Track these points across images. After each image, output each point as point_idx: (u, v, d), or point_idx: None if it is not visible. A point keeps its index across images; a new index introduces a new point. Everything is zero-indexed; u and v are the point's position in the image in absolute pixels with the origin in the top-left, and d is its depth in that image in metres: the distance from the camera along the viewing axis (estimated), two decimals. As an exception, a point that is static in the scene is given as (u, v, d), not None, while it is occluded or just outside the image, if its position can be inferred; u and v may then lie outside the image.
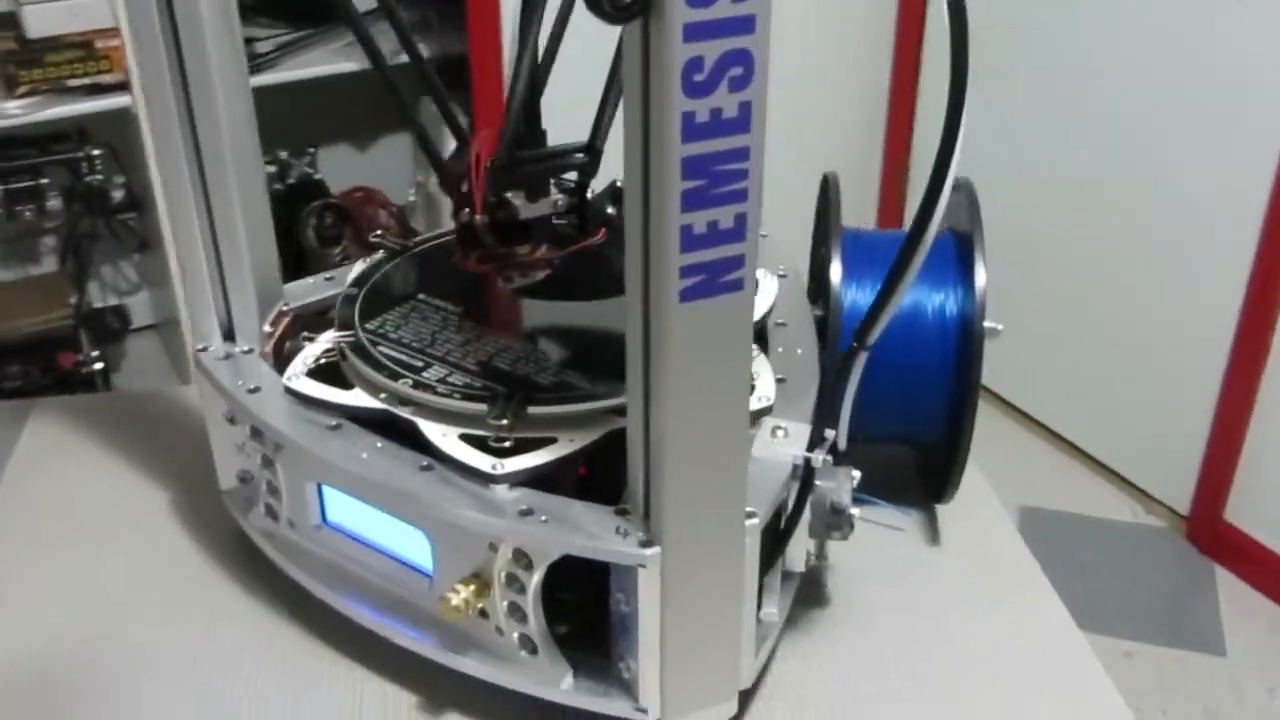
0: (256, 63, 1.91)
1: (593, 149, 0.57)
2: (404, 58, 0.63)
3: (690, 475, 0.48)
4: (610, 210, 0.60)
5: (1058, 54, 1.96)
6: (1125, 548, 1.88)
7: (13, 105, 1.80)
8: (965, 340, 0.63)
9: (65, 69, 1.80)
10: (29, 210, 1.96)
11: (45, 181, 1.95)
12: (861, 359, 0.52)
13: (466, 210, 0.57)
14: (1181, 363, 1.85)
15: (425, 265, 0.66)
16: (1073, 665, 0.61)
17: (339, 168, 2.27)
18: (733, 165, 0.42)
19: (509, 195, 0.57)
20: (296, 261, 2.12)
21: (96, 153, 1.94)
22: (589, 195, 0.59)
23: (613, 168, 0.55)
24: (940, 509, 0.70)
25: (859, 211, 2.35)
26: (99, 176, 1.96)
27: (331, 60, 1.90)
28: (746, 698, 0.57)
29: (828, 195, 0.67)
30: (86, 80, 1.81)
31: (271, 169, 2.13)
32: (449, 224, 1.75)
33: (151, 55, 0.57)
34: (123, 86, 1.83)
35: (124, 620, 0.63)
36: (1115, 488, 1.96)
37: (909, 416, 0.66)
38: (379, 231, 0.69)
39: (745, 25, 0.40)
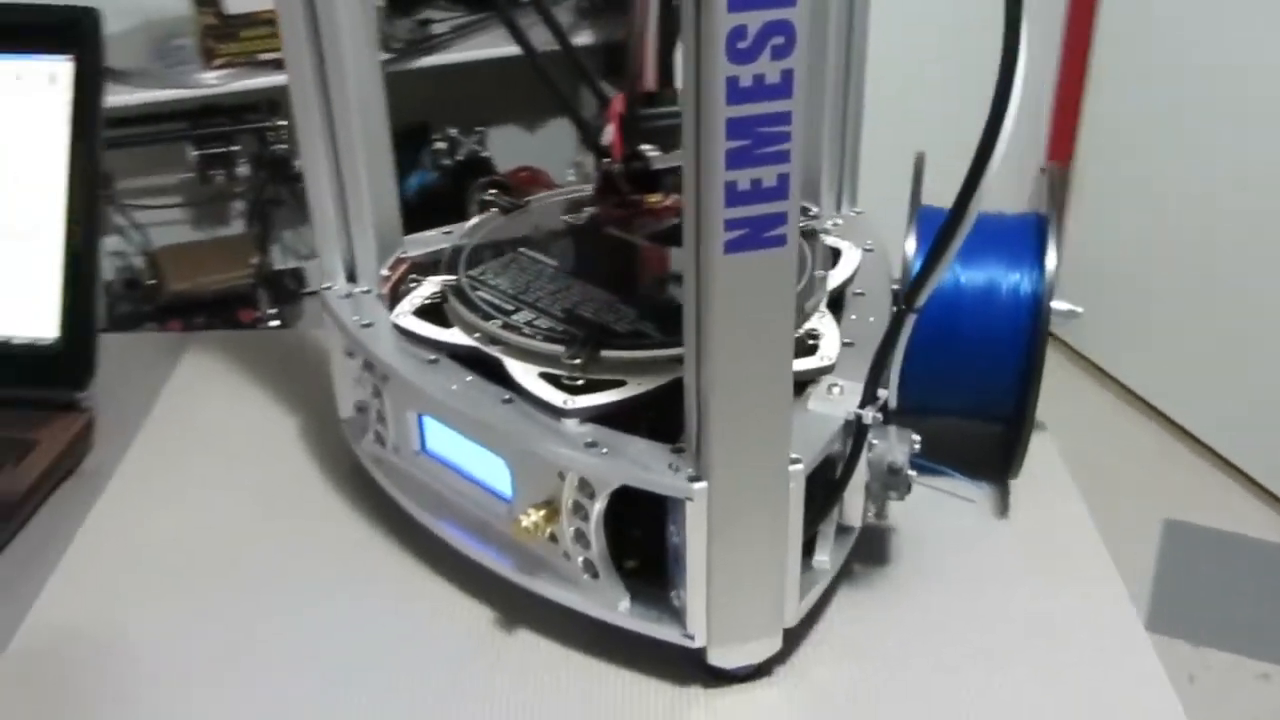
0: (431, 43, 2.01)
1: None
2: (577, 41, 0.68)
3: (734, 417, 0.52)
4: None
5: (1197, 52, 1.90)
6: (1273, 569, 1.82)
7: (210, 76, 1.94)
8: (1036, 319, 0.65)
9: (258, 43, 1.93)
10: (220, 175, 2.11)
11: (236, 149, 2.10)
12: (909, 321, 0.55)
13: (606, 159, 0.63)
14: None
15: (530, 223, 0.72)
16: (1130, 658, 0.61)
17: (507, 147, 2.36)
18: (775, 128, 0.46)
19: (644, 148, 0.62)
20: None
21: (282, 123, 2.07)
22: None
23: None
24: (1015, 488, 0.72)
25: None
26: (284, 145, 2.10)
27: (504, 43, 1.97)
28: (794, 640, 0.60)
29: (916, 174, 0.69)
30: (276, 54, 1.94)
31: (442, 145, 2.24)
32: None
33: (291, 27, 0.64)
34: (309, 61, 1.96)
35: (251, 527, 0.70)
36: (1267, 506, 1.90)
37: (981, 391, 0.68)
38: (493, 191, 0.75)
39: (788, 0, 0.44)
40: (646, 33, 0.61)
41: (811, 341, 0.62)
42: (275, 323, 2.14)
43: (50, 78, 0.75)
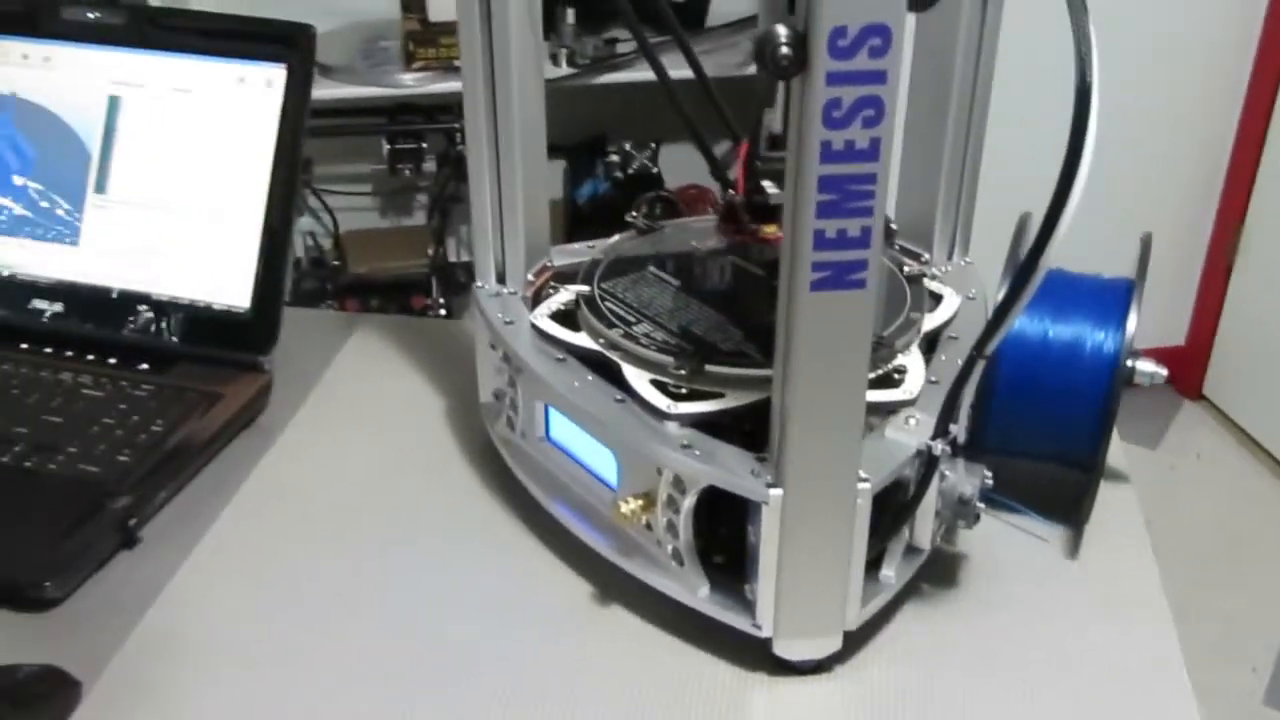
0: (614, 61, 2.12)
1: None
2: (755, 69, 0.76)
3: (810, 435, 0.59)
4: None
5: None
6: None
7: (409, 77, 2.09)
8: (1114, 377, 0.70)
9: (455, 50, 2.05)
10: (408, 169, 2.26)
11: (425, 146, 2.24)
12: (979, 366, 0.61)
13: (730, 191, 0.71)
14: None
15: (662, 244, 0.80)
16: (1173, 704, 0.65)
17: (679, 165, 2.45)
18: (862, 186, 0.53)
19: (765, 184, 0.70)
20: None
21: (470, 125, 2.21)
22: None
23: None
24: (1089, 533, 0.76)
25: (1176, 273, 2.30)
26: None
27: (684, 66, 2.06)
28: (856, 642, 0.67)
29: (1019, 232, 0.75)
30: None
31: (616, 158, 2.35)
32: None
33: (469, 48, 0.73)
34: (499, 70, 2.08)
35: (393, 487, 0.80)
36: None
37: (1061, 438, 0.73)
38: (634, 212, 0.83)
39: (879, 78, 0.51)
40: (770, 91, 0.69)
41: (898, 376, 0.68)
42: (443, 311, 2.28)
43: (267, 82, 0.87)
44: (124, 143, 0.89)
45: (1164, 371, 0.73)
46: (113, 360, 0.87)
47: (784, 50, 0.51)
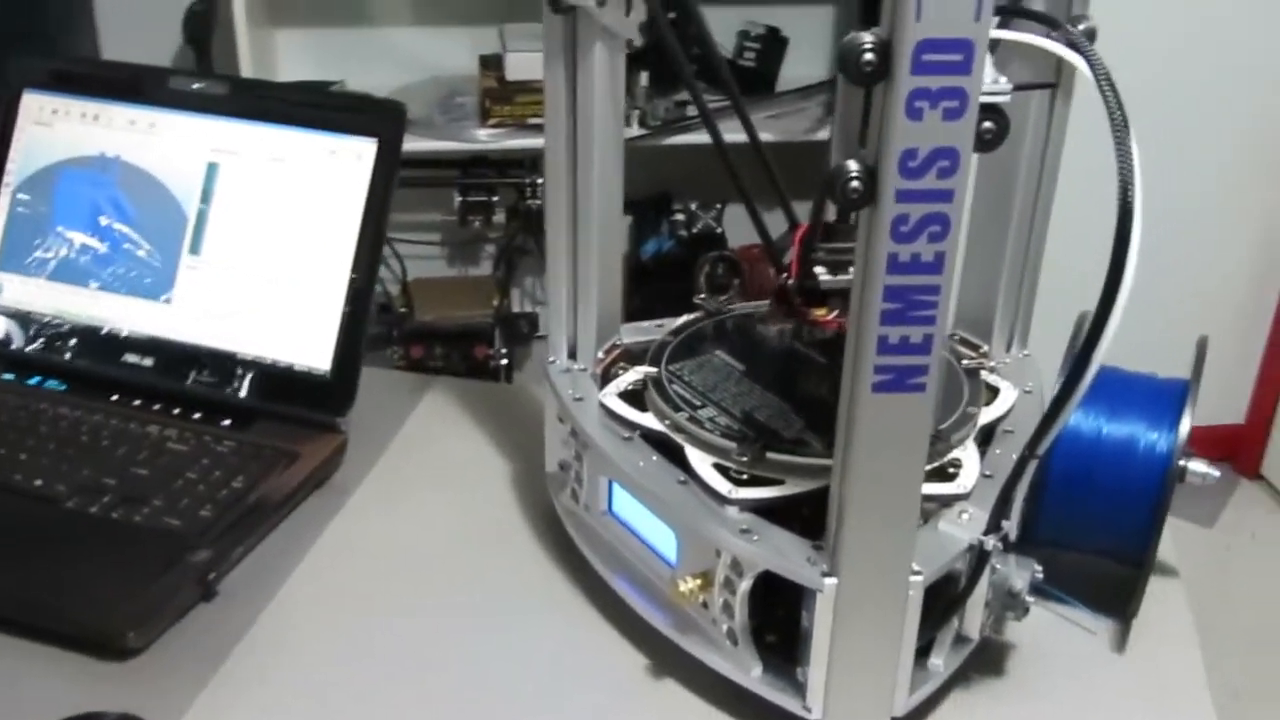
0: (685, 123, 2.16)
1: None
2: (823, 134, 0.79)
3: (866, 528, 0.61)
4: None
5: None
6: None
7: (483, 133, 2.15)
8: (1166, 477, 0.71)
9: (529, 108, 2.12)
10: (478, 220, 2.31)
11: (495, 199, 2.30)
12: (1031, 465, 0.63)
13: (785, 275, 0.74)
14: None
15: (729, 329, 0.83)
16: None
17: (742, 226, 2.48)
18: (925, 297, 0.55)
19: (817, 270, 0.73)
20: (687, 302, 2.36)
21: (540, 180, 2.26)
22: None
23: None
24: (1137, 628, 0.77)
25: (1237, 352, 2.29)
26: (539, 201, 2.28)
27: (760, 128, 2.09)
28: (902, 727, 0.69)
29: (1076, 331, 0.77)
30: (542, 119, 2.12)
31: (680, 217, 2.39)
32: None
33: (554, 128, 0.77)
34: (571, 129, 2.13)
35: (459, 550, 0.83)
36: None
37: (1112, 534, 0.75)
38: (702, 295, 0.86)
39: (946, 196, 0.53)
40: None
41: (953, 470, 0.70)
42: (505, 360, 2.32)
43: (357, 155, 0.91)
44: (219, 207, 0.94)
45: (1216, 473, 0.74)
46: (197, 415, 0.91)
47: (854, 184, 0.54)
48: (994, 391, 0.78)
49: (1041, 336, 0.85)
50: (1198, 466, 0.73)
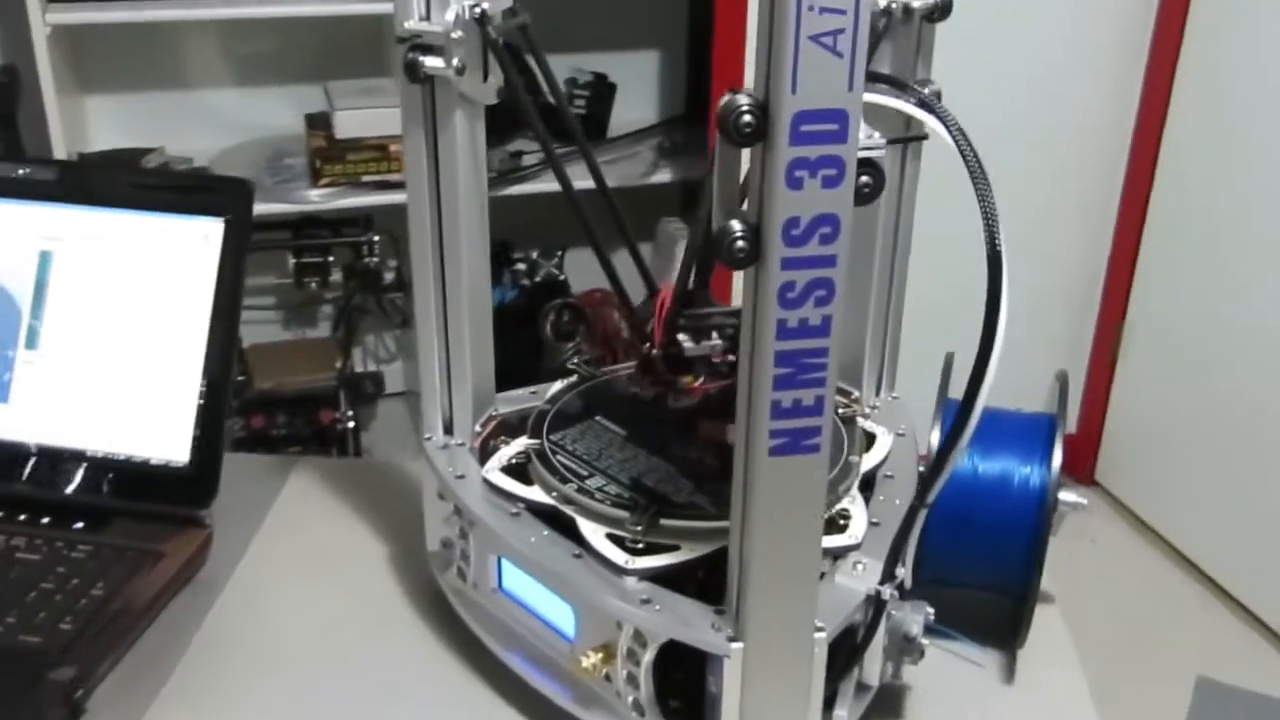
0: (522, 173, 2.16)
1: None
2: (657, 178, 0.79)
3: (769, 589, 0.61)
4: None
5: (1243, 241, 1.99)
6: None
7: (314, 193, 2.10)
8: (1042, 509, 0.74)
9: (361, 166, 2.09)
10: (314, 282, 2.25)
11: (331, 259, 2.25)
12: (922, 514, 0.64)
13: (647, 344, 0.73)
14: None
15: (605, 392, 0.82)
16: None
17: (585, 269, 2.49)
18: (815, 360, 0.56)
19: (680, 337, 0.73)
20: (536, 351, 2.35)
21: (377, 238, 2.22)
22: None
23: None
24: (1022, 657, 0.80)
25: (1066, 364, 2.40)
26: (376, 259, 2.24)
27: (588, 176, 2.10)
28: (814, 782, 0.69)
29: (945, 372, 0.79)
30: (377, 177, 2.09)
31: (522, 266, 2.38)
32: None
33: (419, 220, 0.75)
34: (404, 184, 2.11)
35: (341, 639, 0.80)
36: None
37: (993, 568, 0.77)
38: (575, 359, 0.86)
39: (830, 261, 0.54)
40: (689, 253, 0.72)
41: (842, 521, 0.71)
42: (351, 424, 2.26)
43: (204, 236, 0.88)
44: (56, 298, 0.89)
45: (1084, 501, 0.77)
46: (46, 520, 0.86)
47: (740, 244, 0.54)
48: (870, 437, 0.79)
49: (901, 377, 0.88)
50: (1068, 496, 0.76)
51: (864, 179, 0.55)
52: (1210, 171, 2.09)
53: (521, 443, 0.77)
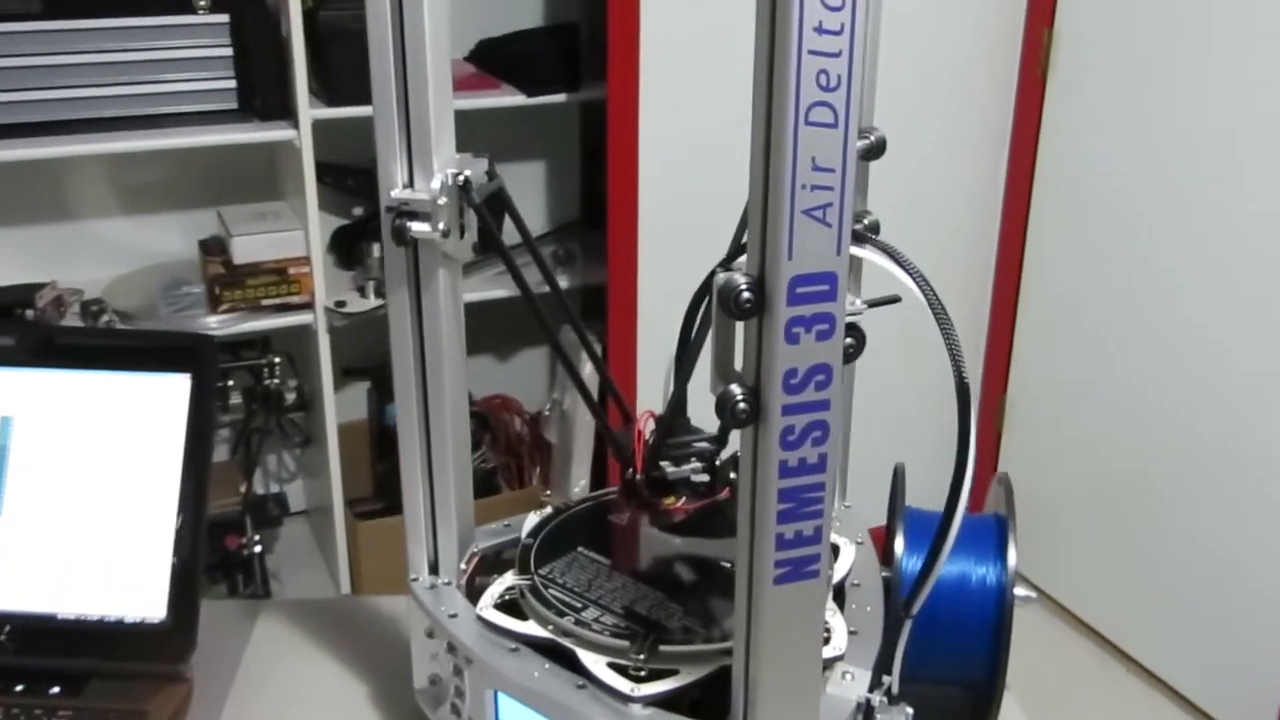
0: (421, 289, 2.19)
1: (722, 438, 0.77)
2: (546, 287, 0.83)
3: (775, 706, 0.65)
4: (732, 475, 0.79)
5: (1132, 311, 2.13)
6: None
7: (213, 320, 2.10)
8: (1001, 606, 0.80)
9: (261, 290, 2.09)
10: (215, 406, 2.23)
11: (230, 383, 2.23)
12: (908, 625, 0.69)
13: (630, 470, 0.78)
14: (1265, 605, 1.95)
15: (582, 523, 0.86)
16: None
17: (482, 376, 2.52)
18: (814, 494, 0.61)
19: (661, 462, 0.77)
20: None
21: (276, 360, 2.22)
22: (717, 464, 0.79)
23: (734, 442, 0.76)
24: (987, 743, 0.85)
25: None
26: (276, 380, 2.24)
27: (485, 287, 2.13)
28: None
29: (897, 482, 0.85)
30: (278, 300, 2.10)
31: (424, 379, 2.39)
32: (581, 437, 2.00)
33: (403, 374, 0.79)
34: (307, 306, 2.12)
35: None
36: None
37: (958, 665, 0.82)
38: (548, 492, 0.89)
39: (824, 405, 0.60)
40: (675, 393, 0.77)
41: (825, 634, 0.76)
42: (258, 548, 2.24)
43: (171, 393, 0.90)
44: (18, 463, 0.90)
45: (1034, 594, 0.84)
46: (20, 688, 0.86)
47: (742, 406, 0.59)
48: (835, 549, 0.85)
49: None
50: (1019, 591, 0.82)
51: (849, 340, 0.61)
52: (1073, 248, 2.24)
53: (510, 578, 0.81)
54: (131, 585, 0.88)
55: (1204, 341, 2.00)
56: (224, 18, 2.00)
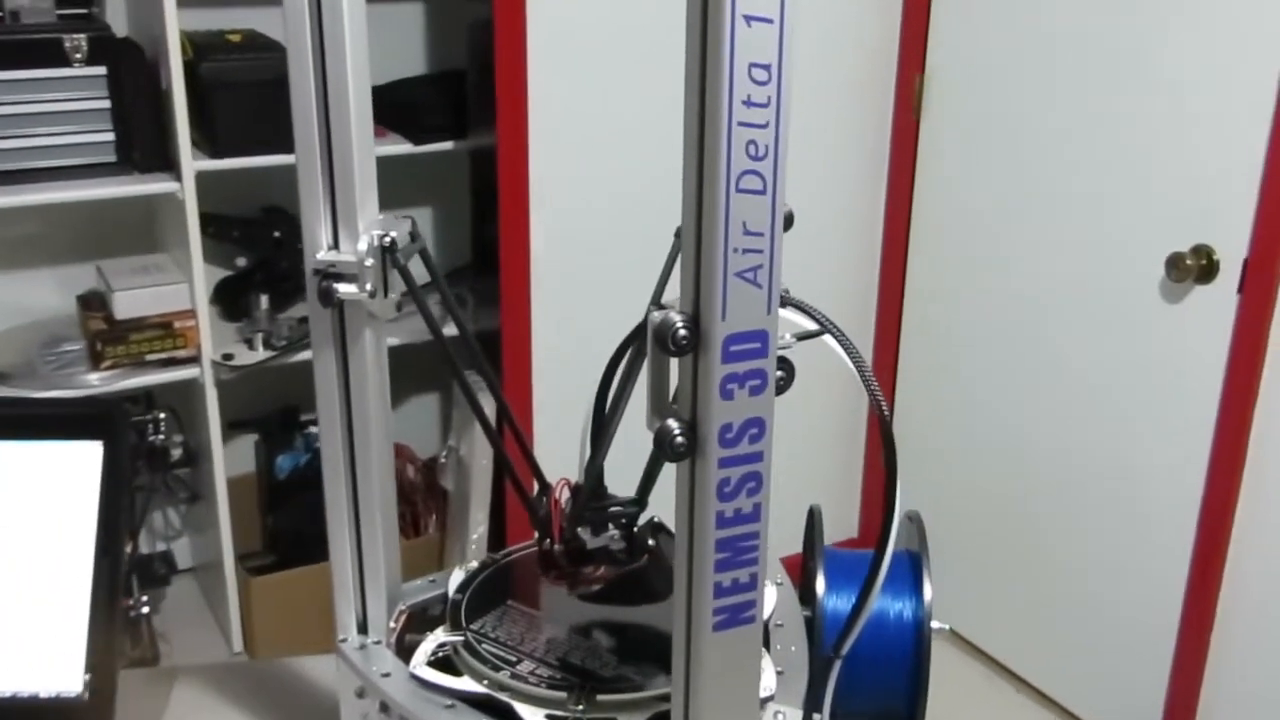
0: (309, 339, 2.17)
1: (641, 501, 0.79)
2: (451, 330, 0.83)
3: (717, 750, 0.67)
4: (650, 541, 0.81)
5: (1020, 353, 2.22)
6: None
7: (95, 377, 2.05)
8: (918, 639, 0.83)
9: (146, 345, 2.05)
10: (96, 466, 2.17)
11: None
12: (837, 665, 0.72)
13: (548, 540, 0.79)
14: (1141, 619, 2.04)
15: (510, 576, 0.87)
16: None
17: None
18: (749, 542, 0.64)
19: (579, 530, 0.79)
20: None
21: (161, 415, 2.17)
22: (635, 530, 0.81)
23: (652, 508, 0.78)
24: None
25: (841, 500, 2.58)
26: (161, 436, 2.19)
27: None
28: None
29: (813, 523, 0.88)
30: (163, 355, 2.06)
31: (314, 430, 2.37)
32: (479, 484, 2.00)
33: (330, 435, 0.79)
34: (194, 360, 2.08)
35: None
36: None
37: (879, 697, 0.85)
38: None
39: (758, 457, 0.62)
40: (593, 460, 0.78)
41: (755, 674, 0.78)
42: (145, 609, 2.18)
43: (82, 460, 0.88)
44: (-78, 537, 0.87)
45: (947, 626, 0.87)
46: (-69, 770, 0.83)
47: (679, 440, 0.62)
48: (758, 590, 0.87)
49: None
50: (934, 624, 0.85)
51: (780, 373, 0.64)
52: (949, 283, 2.33)
53: (441, 634, 0.81)
54: (48, 660, 0.86)
55: (1072, 370, 2.09)
56: (101, 70, 1.97)
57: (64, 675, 0.86)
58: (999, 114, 2.18)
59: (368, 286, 0.76)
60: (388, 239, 0.76)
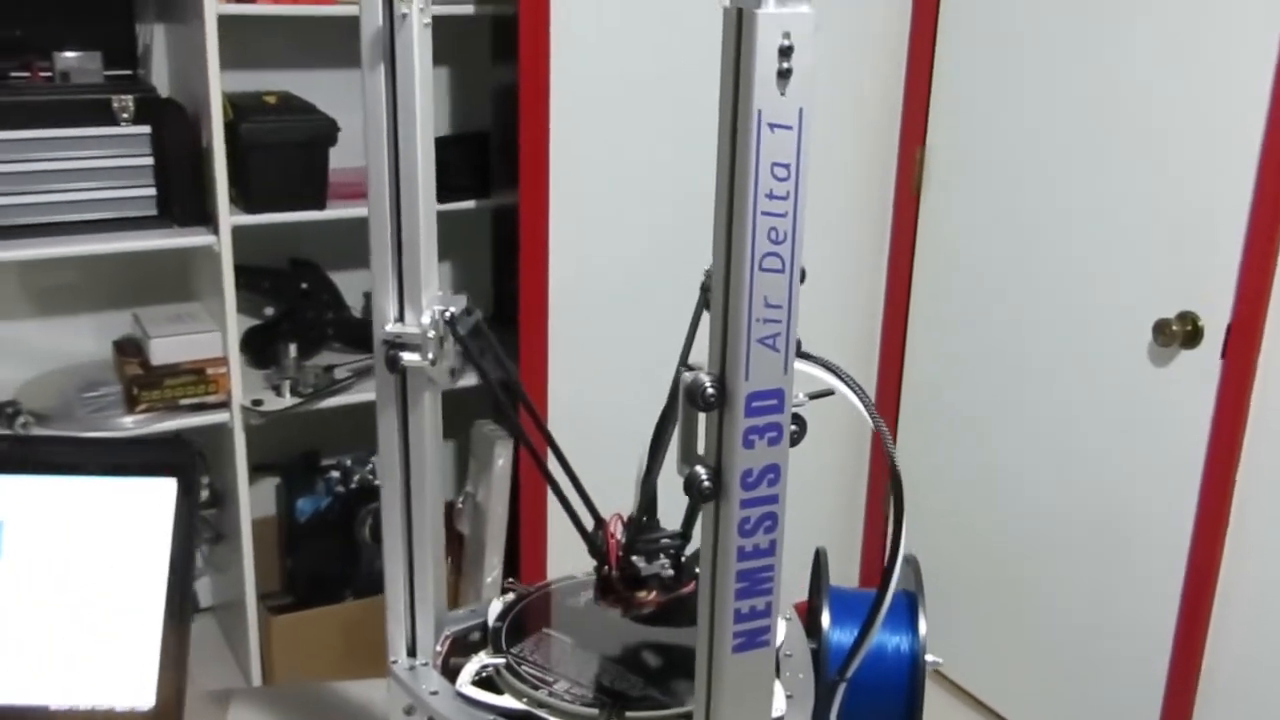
0: (335, 387, 2.26)
1: (686, 534, 0.88)
2: (469, 380, 0.91)
3: (734, 761, 0.76)
4: (697, 570, 0.90)
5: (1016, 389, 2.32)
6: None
7: (129, 420, 2.14)
8: (914, 672, 0.92)
9: (179, 391, 2.14)
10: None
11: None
12: (842, 688, 0.81)
13: (605, 566, 0.88)
14: (1129, 669, 2.12)
15: (545, 605, 0.96)
16: None
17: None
18: (765, 573, 0.73)
19: (634, 558, 0.88)
20: (353, 557, 2.42)
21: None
22: (683, 560, 0.89)
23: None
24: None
25: (844, 545, 2.66)
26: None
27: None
28: None
29: (819, 563, 0.97)
30: (195, 400, 2.15)
31: (335, 474, 2.46)
32: (494, 529, 2.09)
33: (390, 488, 0.88)
34: (224, 405, 2.18)
35: None
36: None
37: (877, 721, 0.94)
38: (510, 579, 0.99)
39: (774, 499, 0.71)
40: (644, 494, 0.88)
41: (767, 697, 0.87)
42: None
43: (157, 495, 0.97)
44: (9, 563, 0.96)
45: (940, 660, 0.96)
46: (16, 776, 0.91)
47: (707, 485, 0.71)
48: (767, 623, 0.96)
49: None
50: (928, 658, 0.94)
51: (793, 428, 0.73)
52: (949, 346, 2.43)
53: (484, 657, 0.90)
54: (122, 677, 0.95)
55: (1065, 428, 2.19)
56: (145, 129, 2.08)
57: (137, 690, 0.95)
58: (996, 185, 2.29)
59: (429, 355, 0.85)
60: (448, 313, 0.85)
